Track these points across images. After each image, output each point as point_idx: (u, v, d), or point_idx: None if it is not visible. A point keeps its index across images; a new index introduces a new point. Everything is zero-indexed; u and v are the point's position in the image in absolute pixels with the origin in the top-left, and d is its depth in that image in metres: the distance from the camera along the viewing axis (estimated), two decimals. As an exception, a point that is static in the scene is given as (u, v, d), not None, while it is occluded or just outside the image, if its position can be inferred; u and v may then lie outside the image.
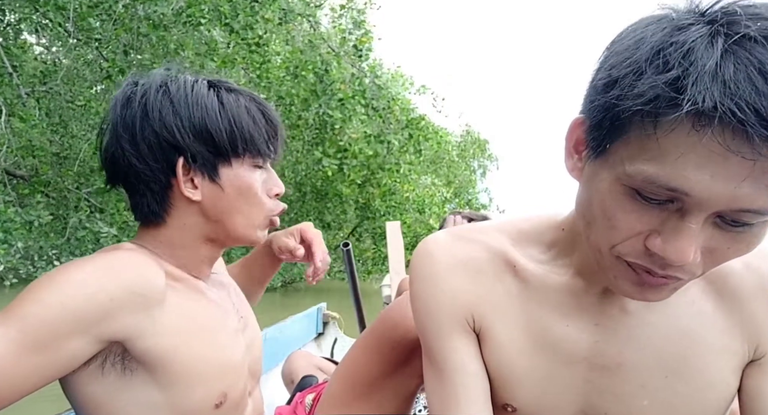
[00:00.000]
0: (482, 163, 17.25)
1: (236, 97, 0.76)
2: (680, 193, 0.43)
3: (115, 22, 6.38)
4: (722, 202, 0.42)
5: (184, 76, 0.76)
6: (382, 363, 0.86)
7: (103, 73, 6.84)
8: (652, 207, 0.46)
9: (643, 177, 0.44)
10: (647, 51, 0.42)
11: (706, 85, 0.39)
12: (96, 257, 0.68)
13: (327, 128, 8.04)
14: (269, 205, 0.80)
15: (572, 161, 0.55)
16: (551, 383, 0.63)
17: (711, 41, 0.40)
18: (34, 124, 6.66)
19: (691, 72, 0.39)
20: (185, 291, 0.75)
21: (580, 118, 0.53)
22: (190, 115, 0.72)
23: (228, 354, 0.77)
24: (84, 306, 0.62)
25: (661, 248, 0.46)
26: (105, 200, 7.59)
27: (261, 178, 0.79)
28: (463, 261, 0.65)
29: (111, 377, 0.68)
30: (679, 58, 0.40)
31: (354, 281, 2.00)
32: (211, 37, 6.54)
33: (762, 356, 0.60)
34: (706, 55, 0.39)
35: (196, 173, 0.74)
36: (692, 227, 0.44)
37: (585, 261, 0.61)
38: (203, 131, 0.73)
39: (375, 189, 8.78)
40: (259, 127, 0.77)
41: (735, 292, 0.60)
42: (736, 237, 0.46)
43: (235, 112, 0.74)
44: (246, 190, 0.77)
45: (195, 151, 0.73)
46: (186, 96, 0.73)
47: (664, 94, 0.40)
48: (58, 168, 7.71)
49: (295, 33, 8.52)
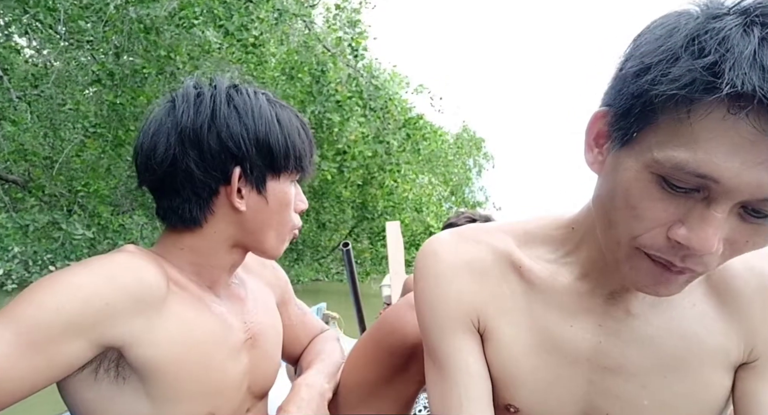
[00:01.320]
0: (478, 162, 17.26)
1: (288, 114, 0.79)
2: (709, 180, 0.43)
3: (106, 24, 6.28)
4: (749, 191, 0.43)
5: (247, 88, 0.78)
6: (380, 369, 0.85)
7: (93, 76, 6.75)
8: (678, 196, 0.46)
9: (673, 163, 0.44)
10: (682, 38, 0.43)
11: (744, 70, 0.39)
12: (95, 261, 0.68)
13: (323, 129, 7.98)
14: (296, 221, 0.82)
15: (592, 155, 0.55)
16: (554, 383, 0.63)
17: (746, 30, 0.41)
18: (25, 128, 6.56)
19: (728, 57, 0.40)
20: (187, 301, 0.74)
21: (602, 111, 0.53)
22: (255, 127, 0.74)
23: (221, 373, 0.75)
24: (80, 310, 0.62)
25: (685, 236, 0.46)
26: (86, 203, 7.52)
27: (293, 193, 0.81)
28: (468, 261, 0.66)
29: (104, 383, 0.68)
30: (715, 44, 0.41)
31: (354, 281, 2.00)
32: (204, 38, 6.45)
33: (755, 360, 0.61)
34: (743, 43, 0.40)
35: (246, 184, 0.75)
36: (718, 215, 0.45)
37: (594, 260, 0.61)
38: (265, 144, 0.74)
39: (376, 190, 8.73)
40: (305, 144, 0.80)
41: (736, 294, 0.61)
42: (757, 229, 0.47)
43: (290, 128, 0.77)
44: (286, 204, 0.79)
45: (253, 163, 0.74)
46: (252, 108, 0.75)
47: (701, 78, 0.41)
48: (50, 172, 7.63)
49: (290, 32, 8.45)
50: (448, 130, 13.78)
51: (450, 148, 13.90)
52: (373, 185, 8.73)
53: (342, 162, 7.92)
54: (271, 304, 0.92)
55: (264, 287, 0.94)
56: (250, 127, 0.74)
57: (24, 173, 7.82)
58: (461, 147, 15.49)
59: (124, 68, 6.48)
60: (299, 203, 0.82)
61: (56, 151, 7.73)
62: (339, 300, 5.52)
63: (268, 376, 0.87)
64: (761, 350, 0.60)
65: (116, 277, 0.66)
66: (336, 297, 7.63)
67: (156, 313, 0.68)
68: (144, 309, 0.67)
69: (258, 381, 0.84)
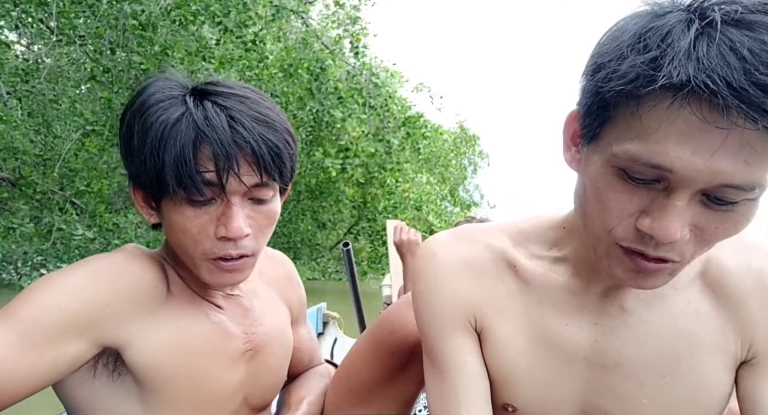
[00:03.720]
0: (473, 160, 17.23)
1: (185, 131, 0.64)
2: (664, 170, 0.45)
3: (99, 19, 6.13)
4: (704, 178, 0.44)
5: (162, 91, 0.67)
6: (381, 369, 0.84)
7: (87, 72, 6.59)
8: (639, 187, 0.48)
9: (628, 156, 0.46)
10: (629, 37, 0.46)
11: (681, 62, 0.42)
12: (95, 261, 0.67)
13: (322, 126, 7.88)
14: (204, 247, 0.67)
15: (570, 153, 0.57)
16: (551, 382, 0.63)
17: (687, 25, 0.43)
18: (15, 125, 6.39)
19: (668, 52, 0.43)
20: (185, 306, 0.73)
21: (575, 111, 0.55)
22: (143, 146, 0.65)
23: (215, 381, 0.73)
24: (81, 311, 0.61)
25: (649, 226, 0.47)
26: (86, 202, 7.37)
27: (198, 216, 0.66)
28: (465, 261, 0.66)
29: (101, 381, 0.67)
30: (658, 40, 0.44)
31: (354, 280, 1.98)
32: (200, 34, 6.32)
33: (755, 357, 0.61)
34: (683, 37, 0.43)
35: (147, 200, 0.70)
36: (678, 204, 0.46)
37: (584, 259, 0.62)
38: (144, 166, 0.65)
39: (377, 189, 8.64)
40: (191, 167, 0.63)
41: (732, 292, 0.61)
42: (723, 216, 0.48)
43: (177, 149, 0.63)
44: (178, 227, 0.67)
45: (144, 181, 0.67)
46: (152, 124, 0.64)
47: (643, 73, 0.43)
48: (41, 169, 7.46)
49: (288, 30, 8.33)
50: (449, 128, 13.72)
51: (450, 149, 13.85)
52: (374, 185, 8.64)
53: (345, 159, 7.79)
54: (282, 320, 0.89)
55: (280, 302, 0.90)
56: (136, 146, 0.65)
57: (14, 171, 7.63)
58: (459, 147, 15.46)
59: (119, 65, 6.33)
60: (220, 228, 0.66)
61: (48, 149, 7.55)
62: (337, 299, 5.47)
63: (268, 390, 0.84)
64: (760, 347, 0.60)
65: (117, 278, 0.65)
66: (335, 296, 7.56)
67: (154, 316, 0.68)
68: (143, 311, 0.66)
69: (256, 393, 0.81)
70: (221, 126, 0.63)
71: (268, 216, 0.71)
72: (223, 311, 0.77)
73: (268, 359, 0.82)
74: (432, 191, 9.70)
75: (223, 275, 0.70)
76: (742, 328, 0.60)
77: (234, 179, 0.64)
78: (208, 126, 0.63)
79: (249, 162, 0.65)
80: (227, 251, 0.67)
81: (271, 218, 0.72)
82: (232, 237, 0.66)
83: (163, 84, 0.67)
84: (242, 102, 0.66)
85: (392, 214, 8.68)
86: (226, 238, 0.66)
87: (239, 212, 0.66)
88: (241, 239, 0.67)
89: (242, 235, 0.66)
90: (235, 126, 0.64)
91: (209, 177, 0.63)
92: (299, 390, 0.94)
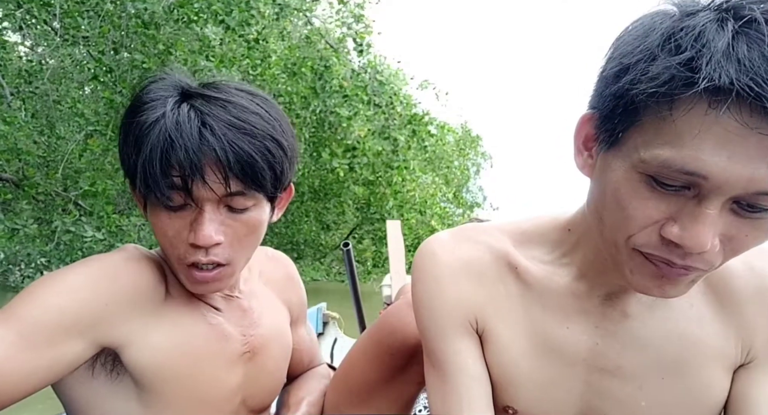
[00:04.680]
0: (475, 162, 17.15)
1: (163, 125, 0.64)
2: (697, 177, 0.43)
3: (102, 19, 6.11)
4: (740, 185, 0.42)
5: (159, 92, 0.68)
6: (381, 370, 0.84)
7: (90, 72, 6.56)
8: (668, 194, 0.46)
9: (659, 162, 0.44)
10: (658, 37, 0.44)
11: (720, 64, 0.40)
12: (95, 261, 0.67)
13: (325, 126, 7.82)
14: (179, 252, 0.69)
15: (582, 158, 0.56)
16: (552, 385, 0.63)
17: (720, 25, 0.41)
18: (19, 126, 6.37)
19: (704, 52, 0.40)
20: (184, 307, 0.73)
21: (588, 114, 0.54)
22: (131, 149, 0.66)
23: (213, 382, 0.74)
24: (79, 310, 0.62)
25: (678, 235, 0.45)
26: (92, 203, 7.32)
27: (172, 220, 0.67)
28: (466, 262, 0.65)
29: (99, 380, 0.67)
30: (691, 40, 0.41)
31: (354, 281, 1.95)
32: (203, 33, 6.29)
33: (752, 360, 0.60)
34: (718, 37, 0.41)
35: (140, 200, 0.71)
36: (710, 212, 0.44)
37: (590, 262, 0.61)
38: (130, 169, 0.67)
39: (384, 188, 8.55)
40: (156, 164, 0.63)
41: (735, 295, 0.60)
42: (754, 224, 0.46)
43: (153, 155, 0.64)
44: (158, 230, 0.69)
45: (135, 184, 0.68)
46: (140, 127, 0.65)
47: (679, 74, 0.41)
48: (45, 170, 7.43)
49: (291, 28, 8.31)
50: (454, 126, 13.65)
51: (453, 151, 13.79)
52: (380, 184, 8.56)
53: (352, 158, 7.71)
54: (282, 321, 0.89)
55: (279, 302, 0.90)
56: (121, 145, 0.67)
57: (17, 172, 7.61)
58: (463, 148, 15.39)
59: (122, 64, 6.31)
60: (191, 234, 0.66)
61: (51, 150, 7.53)
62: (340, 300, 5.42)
63: (267, 391, 0.85)
64: (758, 351, 0.60)
65: (116, 278, 0.65)
66: (337, 297, 7.50)
67: (152, 316, 0.68)
68: (142, 311, 0.67)
69: (255, 395, 0.82)
70: (189, 132, 0.62)
71: (248, 225, 0.69)
72: (221, 313, 0.77)
73: (267, 361, 0.82)
74: (437, 193, 9.62)
75: (198, 283, 0.70)
76: (742, 331, 0.60)
77: (202, 186, 0.63)
78: (176, 131, 0.62)
79: (216, 170, 0.64)
80: (197, 258, 0.67)
81: (252, 227, 0.70)
82: (200, 245, 0.65)
83: (159, 84, 0.68)
84: (223, 106, 0.65)
85: (399, 214, 8.60)
86: (196, 245, 0.66)
87: (210, 219, 0.65)
88: (213, 248, 0.66)
89: (210, 243, 0.65)
90: (205, 132, 0.63)
91: (177, 182, 0.63)
92: (298, 391, 0.94)
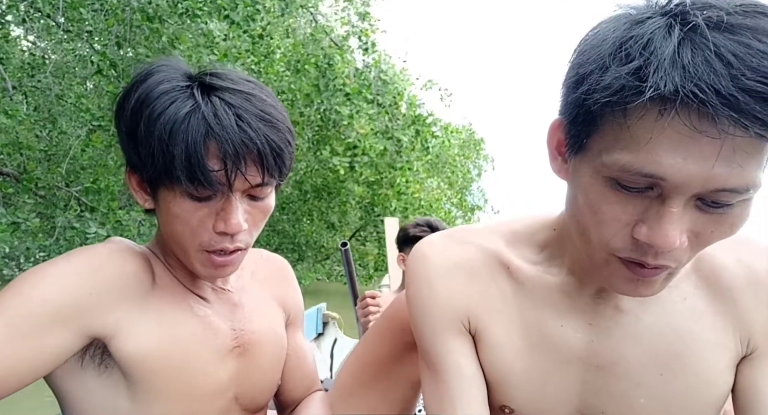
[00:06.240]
0: (477, 164, 17.09)
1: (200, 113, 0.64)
2: (656, 179, 0.45)
3: (106, 13, 6.08)
4: (698, 184, 0.44)
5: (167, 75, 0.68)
6: (391, 346, 0.85)
7: (93, 67, 6.53)
8: (633, 196, 0.47)
9: (619, 166, 0.46)
10: (609, 46, 0.45)
11: (666, 71, 0.41)
12: (79, 252, 0.68)
13: (330, 125, 7.77)
14: (201, 239, 0.70)
15: (557, 163, 0.57)
16: (548, 383, 0.63)
17: (668, 31, 0.43)
18: (21, 120, 6.33)
19: (651, 60, 0.42)
20: (170, 298, 0.73)
21: (557, 121, 0.55)
22: (147, 133, 0.66)
23: (200, 375, 0.73)
24: (65, 300, 0.62)
25: (647, 235, 0.47)
26: (97, 199, 7.27)
27: (198, 209, 0.68)
28: (457, 263, 0.66)
29: (88, 372, 0.68)
30: (640, 49, 0.43)
31: (353, 281, 1.94)
32: (208, 28, 6.25)
33: (753, 351, 0.60)
34: (665, 44, 0.42)
35: (143, 185, 0.71)
36: (674, 211, 0.46)
37: (577, 261, 0.61)
38: (150, 152, 0.66)
39: (387, 189, 8.50)
40: (202, 156, 0.64)
41: (727, 287, 0.61)
42: (718, 219, 0.47)
43: (183, 139, 0.64)
44: (174, 217, 0.69)
45: (142, 167, 0.68)
46: (156, 111, 0.65)
47: (628, 84, 0.43)
48: (46, 165, 7.40)
49: (296, 25, 8.28)
50: (457, 126, 13.59)
51: (457, 154, 13.73)
52: (383, 185, 8.50)
53: (353, 157, 7.66)
54: (275, 321, 0.88)
55: (273, 302, 0.90)
56: (143, 135, 0.66)
57: (19, 167, 7.58)
58: (465, 151, 15.34)
59: (126, 59, 6.27)
60: (219, 223, 0.68)
61: (53, 145, 7.49)
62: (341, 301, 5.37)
63: (260, 390, 0.84)
64: (758, 341, 0.60)
65: (101, 268, 0.66)
66: (339, 298, 7.43)
67: (138, 305, 0.69)
68: (128, 301, 0.67)
69: (247, 393, 0.81)
70: (230, 125, 0.64)
71: (263, 211, 0.73)
72: (209, 305, 0.78)
73: (259, 359, 0.82)
74: (441, 197, 9.56)
75: (216, 267, 0.71)
76: (739, 322, 0.60)
77: (240, 178, 0.66)
78: (218, 124, 0.64)
79: (254, 162, 0.66)
80: (224, 245, 0.69)
81: (266, 213, 0.74)
82: (231, 232, 0.68)
83: (167, 73, 0.68)
84: (248, 100, 0.67)
85: (403, 217, 8.51)
86: (224, 233, 0.68)
87: (239, 208, 0.68)
88: (237, 234, 0.69)
89: (240, 230, 0.68)
90: (243, 126, 0.65)
91: (217, 174, 0.64)
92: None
